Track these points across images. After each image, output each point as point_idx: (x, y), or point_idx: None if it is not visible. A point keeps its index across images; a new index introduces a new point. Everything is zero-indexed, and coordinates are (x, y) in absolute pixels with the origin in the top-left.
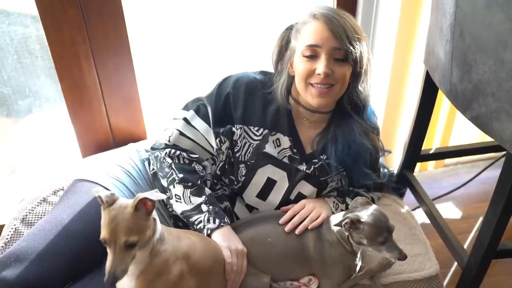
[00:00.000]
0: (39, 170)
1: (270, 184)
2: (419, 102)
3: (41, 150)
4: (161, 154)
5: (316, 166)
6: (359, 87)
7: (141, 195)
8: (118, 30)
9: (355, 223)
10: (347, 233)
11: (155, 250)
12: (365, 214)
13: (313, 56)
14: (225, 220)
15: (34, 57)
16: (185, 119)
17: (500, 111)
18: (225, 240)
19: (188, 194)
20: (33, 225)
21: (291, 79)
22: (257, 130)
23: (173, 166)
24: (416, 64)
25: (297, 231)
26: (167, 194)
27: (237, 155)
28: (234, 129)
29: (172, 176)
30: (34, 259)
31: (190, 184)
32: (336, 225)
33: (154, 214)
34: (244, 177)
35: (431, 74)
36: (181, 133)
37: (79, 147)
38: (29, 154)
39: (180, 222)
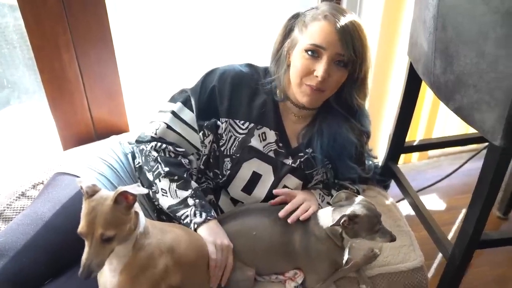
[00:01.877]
0: (18, 163)
1: (255, 178)
2: (403, 93)
3: (20, 143)
4: (146, 147)
5: (301, 159)
6: (355, 93)
7: (121, 188)
8: (100, 21)
9: (352, 219)
10: (340, 230)
11: (139, 244)
12: (357, 207)
13: (314, 55)
14: (212, 213)
15: (12, 47)
16: (173, 112)
17: (481, 102)
18: (211, 235)
19: (174, 188)
20: (11, 220)
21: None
22: (243, 124)
23: (158, 159)
24: (400, 56)
25: (289, 220)
26: (153, 188)
27: (222, 148)
28: (219, 122)
29: (158, 170)
30: (13, 255)
31: (176, 177)
32: (333, 225)
33: (137, 207)
34: (229, 171)
35: (414, 66)
36: (168, 127)
37: (59, 140)
38: (7, 147)
39: (164, 215)
